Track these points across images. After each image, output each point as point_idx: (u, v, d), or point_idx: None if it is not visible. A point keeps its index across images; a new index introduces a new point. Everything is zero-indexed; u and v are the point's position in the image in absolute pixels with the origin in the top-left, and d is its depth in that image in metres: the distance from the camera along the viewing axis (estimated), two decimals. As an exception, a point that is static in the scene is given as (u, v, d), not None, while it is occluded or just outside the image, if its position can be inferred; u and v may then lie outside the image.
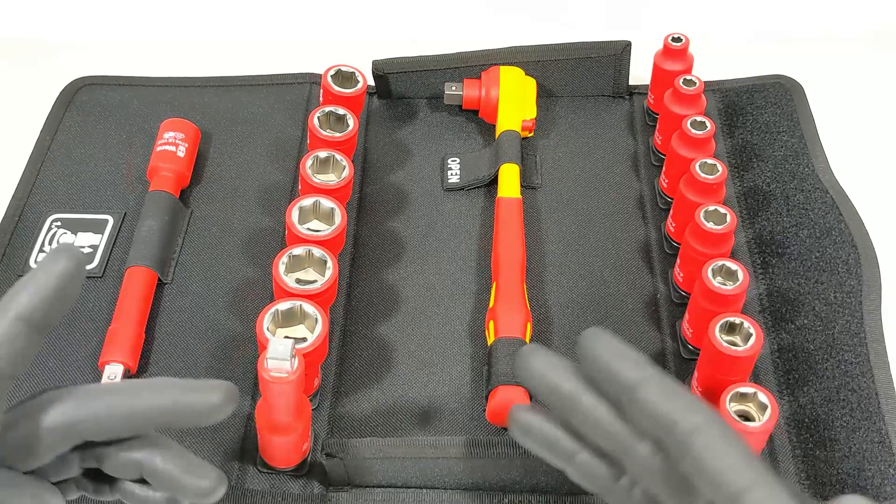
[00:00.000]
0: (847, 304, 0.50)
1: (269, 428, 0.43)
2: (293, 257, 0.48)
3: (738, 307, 0.48)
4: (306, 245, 0.48)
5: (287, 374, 0.40)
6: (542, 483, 0.45)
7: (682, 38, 0.61)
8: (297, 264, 0.48)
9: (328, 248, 0.49)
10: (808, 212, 0.55)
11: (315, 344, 0.44)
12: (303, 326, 0.46)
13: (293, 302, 0.46)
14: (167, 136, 0.60)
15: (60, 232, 0.57)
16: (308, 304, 0.46)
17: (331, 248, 0.49)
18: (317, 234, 0.49)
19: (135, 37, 0.75)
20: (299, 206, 0.50)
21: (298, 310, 0.46)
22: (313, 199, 0.51)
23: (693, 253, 0.51)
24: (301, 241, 0.49)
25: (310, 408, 0.45)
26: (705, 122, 0.55)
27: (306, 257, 0.48)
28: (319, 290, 0.47)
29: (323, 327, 0.45)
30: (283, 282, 0.47)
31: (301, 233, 0.49)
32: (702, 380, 0.47)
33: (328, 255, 0.48)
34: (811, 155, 0.58)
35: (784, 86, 0.64)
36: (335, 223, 0.50)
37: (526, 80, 0.64)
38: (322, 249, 0.48)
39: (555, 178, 0.61)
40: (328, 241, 0.49)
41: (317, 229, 0.50)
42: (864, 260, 0.51)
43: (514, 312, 0.50)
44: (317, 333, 0.45)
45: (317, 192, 0.51)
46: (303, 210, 0.50)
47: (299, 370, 0.40)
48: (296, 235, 0.49)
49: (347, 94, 0.58)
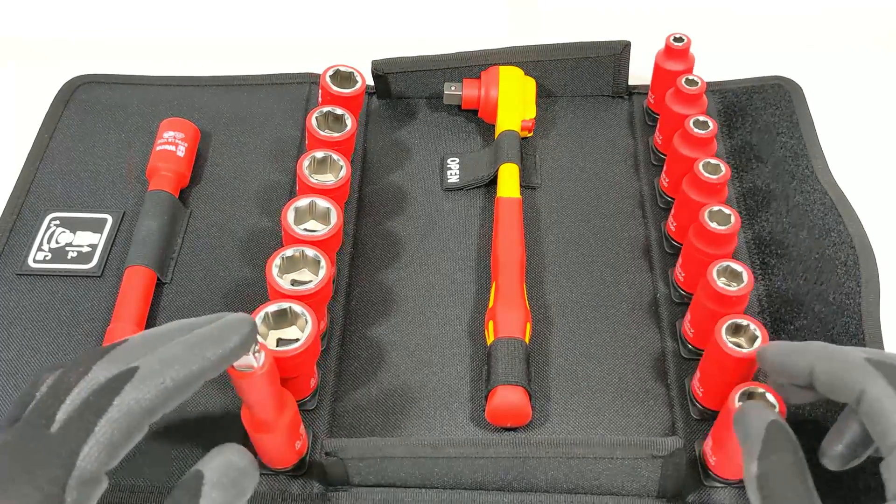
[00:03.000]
0: (846, 305, 0.50)
1: (253, 427, 0.43)
2: (287, 259, 0.48)
3: (741, 308, 0.48)
4: (299, 246, 0.48)
5: (253, 368, 0.39)
6: (541, 483, 0.45)
7: (683, 38, 0.61)
8: (293, 265, 0.48)
9: (324, 249, 0.49)
10: (807, 213, 0.55)
11: (305, 344, 0.44)
12: (295, 328, 0.46)
13: (282, 304, 0.45)
14: (167, 135, 0.60)
15: (59, 231, 0.57)
16: (297, 305, 0.45)
17: (327, 249, 0.49)
18: (312, 234, 0.49)
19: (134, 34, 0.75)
20: (295, 207, 0.50)
21: (289, 311, 0.46)
22: (309, 200, 0.50)
23: (696, 253, 0.51)
24: (296, 242, 0.49)
25: (294, 404, 0.44)
26: (708, 122, 0.55)
27: (300, 258, 0.48)
28: (312, 291, 0.47)
29: (312, 327, 0.45)
30: (275, 283, 0.47)
31: (296, 233, 0.49)
32: (704, 380, 0.47)
33: (321, 256, 0.48)
34: (810, 156, 0.58)
35: (783, 87, 0.64)
36: (331, 223, 0.50)
37: (525, 80, 0.64)
38: (315, 250, 0.48)
39: (554, 177, 0.61)
40: (324, 241, 0.49)
41: (313, 230, 0.50)
42: (862, 261, 0.51)
43: (514, 312, 0.50)
44: (306, 334, 0.45)
45: (313, 192, 0.51)
46: (299, 211, 0.50)
47: (266, 364, 0.40)
48: (291, 236, 0.49)
49: (346, 94, 0.58)
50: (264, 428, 0.43)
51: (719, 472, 0.45)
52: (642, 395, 0.50)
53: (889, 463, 0.34)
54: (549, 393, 0.50)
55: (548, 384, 0.51)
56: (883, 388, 0.35)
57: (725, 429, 0.43)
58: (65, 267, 0.55)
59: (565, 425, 0.49)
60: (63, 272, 0.55)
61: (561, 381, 0.51)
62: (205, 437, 0.48)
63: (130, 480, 0.46)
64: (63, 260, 0.56)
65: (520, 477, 0.45)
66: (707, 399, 0.48)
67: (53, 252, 0.56)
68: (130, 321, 0.51)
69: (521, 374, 0.48)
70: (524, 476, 0.45)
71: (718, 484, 0.46)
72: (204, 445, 0.48)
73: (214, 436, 0.48)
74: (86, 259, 0.56)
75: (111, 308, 0.53)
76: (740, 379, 0.45)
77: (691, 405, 0.49)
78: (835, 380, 0.37)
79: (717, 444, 0.44)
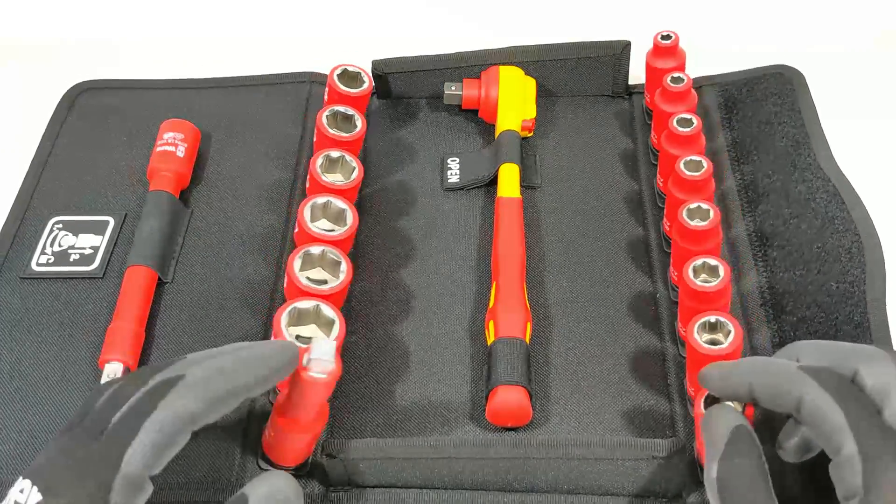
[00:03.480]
0: (850, 293, 0.50)
1: (291, 426, 0.43)
2: (308, 255, 0.48)
3: (723, 304, 0.47)
4: (322, 245, 0.48)
5: (328, 374, 0.40)
6: (542, 483, 0.45)
7: (671, 35, 0.60)
8: (309, 263, 0.48)
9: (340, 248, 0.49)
10: (809, 202, 0.55)
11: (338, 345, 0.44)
12: (314, 326, 0.46)
13: (311, 302, 0.46)
14: (167, 136, 0.60)
15: (62, 234, 0.57)
16: (325, 306, 0.46)
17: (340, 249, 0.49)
18: (330, 234, 0.49)
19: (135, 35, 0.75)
20: (311, 204, 0.50)
21: (314, 310, 0.46)
22: (325, 199, 0.51)
23: (681, 251, 0.51)
24: (314, 241, 0.49)
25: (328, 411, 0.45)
26: (692, 119, 0.55)
27: (320, 257, 0.48)
28: (335, 291, 0.47)
29: (341, 330, 0.45)
30: (299, 280, 0.47)
31: (314, 232, 0.49)
32: (692, 380, 0.47)
33: (342, 257, 0.48)
34: (813, 144, 0.58)
35: (785, 76, 0.63)
36: (347, 223, 0.50)
37: (525, 80, 0.64)
38: (337, 250, 0.48)
39: (555, 177, 0.61)
40: (339, 241, 0.49)
41: (325, 228, 0.50)
42: (867, 248, 0.51)
43: (515, 312, 0.50)
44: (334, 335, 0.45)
45: (328, 191, 0.51)
46: (314, 208, 0.50)
47: (339, 371, 0.40)
48: (307, 234, 0.49)
49: (354, 93, 0.58)
50: (300, 428, 0.43)
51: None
52: (642, 396, 0.50)
53: (836, 464, 0.34)
54: (549, 393, 0.50)
55: (548, 384, 0.51)
56: (820, 394, 0.35)
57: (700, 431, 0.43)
58: (67, 269, 0.55)
59: (566, 425, 0.49)
60: (65, 274, 0.55)
61: (561, 381, 0.51)
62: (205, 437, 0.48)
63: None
64: (65, 262, 0.56)
65: (520, 477, 0.45)
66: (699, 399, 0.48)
67: (56, 255, 0.56)
68: (132, 320, 0.51)
69: (521, 374, 0.48)
70: (525, 476, 0.45)
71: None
72: (204, 445, 0.48)
73: (215, 435, 0.48)
74: (88, 261, 0.56)
75: (112, 309, 0.53)
76: None
77: (690, 405, 0.49)
78: (773, 391, 0.37)
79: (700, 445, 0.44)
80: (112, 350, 0.50)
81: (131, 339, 0.51)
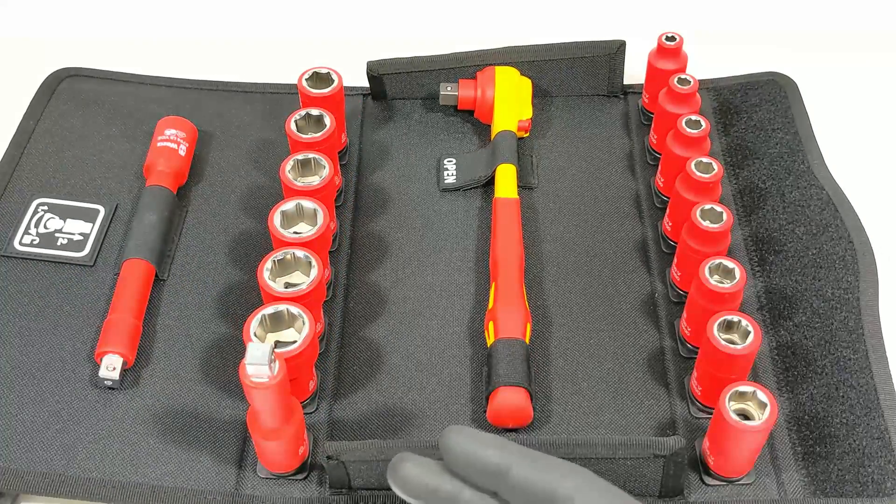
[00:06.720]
0: (845, 300, 0.50)
1: (259, 433, 0.43)
2: (278, 262, 0.48)
3: (735, 305, 0.48)
4: (289, 248, 0.48)
5: (268, 378, 0.39)
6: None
7: (675, 37, 0.61)
8: (285, 268, 0.48)
9: (314, 249, 0.49)
10: (804, 209, 0.55)
11: (303, 346, 0.44)
12: (292, 330, 0.46)
13: (279, 306, 0.45)
14: (168, 133, 0.60)
15: (48, 216, 0.57)
16: (294, 307, 0.45)
17: (317, 249, 0.49)
18: (299, 236, 0.49)
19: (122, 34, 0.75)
20: (281, 211, 0.50)
21: (285, 313, 0.46)
22: (295, 203, 0.51)
23: (690, 252, 0.51)
24: (284, 245, 0.49)
25: (300, 410, 0.45)
26: (700, 121, 0.55)
27: (291, 261, 0.48)
28: (305, 292, 0.46)
29: (309, 329, 0.45)
30: (267, 286, 0.47)
31: (284, 236, 0.49)
32: (701, 378, 0.47)
33: (312, 257, 0.48)
34: (806, 151, 0.58)
35: (778, 83, 0.64)
36: (318, 224, 0.50)
37: (521, 81, 0.64)
38: (305, 251, 0.48)
39: (551, 177, 0.61)
40: (312, 241, 0.49)
41: (302, 232, 0.50)
42: (860, 255, 0.51)
43: (514, 313, 0.50)
44: (303, 335, 0.45)
45: (298, 194, 0.51)
46: (286, 214, 0.50)
47: (280, 374, 0.40)
48: (279, 240, 0.49)
49: (323, 94, 0.58)
50: (271, 435, 0.43)
51: (719, 470, 0.45)
52: (642, 395, 0.50)
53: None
54: (549, 393, 0.50)
55: (548, 385, 0.51)
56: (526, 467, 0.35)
57: (720, 428, 0.43)
58: (54, 253, 0.55)
59: (566, 425, 0.49)
60: (53, 258, 0.55)
61: (561, 381, 0.51)
62: (206, 437, 0.48)
63: (131, 478, 0.46)
64: (52, 246, 0.56)
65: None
66: (706, 397, 0.48)
67: (42, 237, 0.56)
68: (129, 313, 0.51)
69: (522, 375, 0.48)
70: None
71: (719, 482, 0.46)
72: (205, 445, 0.47)
73: (215, 436, 0.48)
74: (77, 247, 0.56)
75: (104, 298, 0.53)
76: (736, 375, 0.45)
77: (691, 404, 0.49)
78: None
79: (713, 443, 0.44)
80: (110, 342, 0.50)
81: (129, 332, 0.50)
